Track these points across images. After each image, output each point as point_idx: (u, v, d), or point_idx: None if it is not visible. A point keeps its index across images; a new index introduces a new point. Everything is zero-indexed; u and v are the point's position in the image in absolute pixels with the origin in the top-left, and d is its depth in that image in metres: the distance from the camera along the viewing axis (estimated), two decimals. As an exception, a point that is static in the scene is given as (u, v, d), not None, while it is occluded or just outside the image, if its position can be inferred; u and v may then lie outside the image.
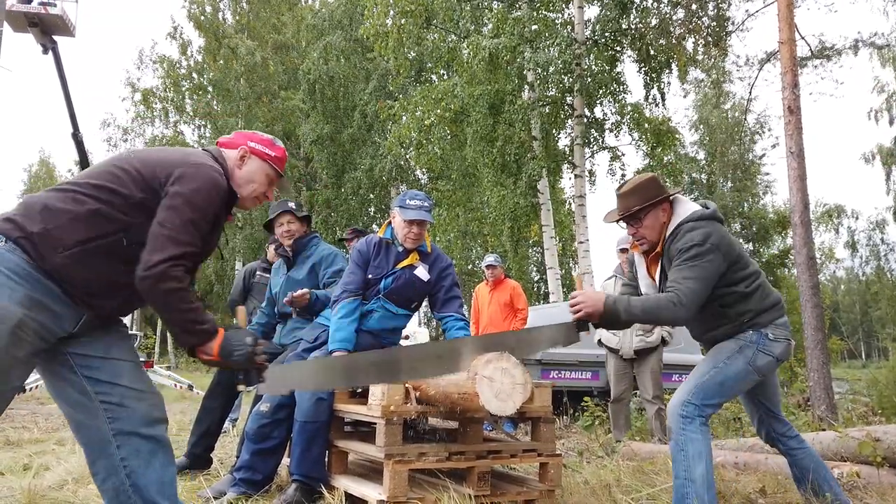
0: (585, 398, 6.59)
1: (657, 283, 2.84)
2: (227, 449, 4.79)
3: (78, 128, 9.75)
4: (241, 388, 2.14)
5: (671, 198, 2.82)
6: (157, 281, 1.88)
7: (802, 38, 8.97)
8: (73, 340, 1.98)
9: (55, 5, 9.44)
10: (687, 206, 2.79)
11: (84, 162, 10.03)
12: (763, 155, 27.18)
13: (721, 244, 2.64)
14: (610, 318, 2.63)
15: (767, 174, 28.14)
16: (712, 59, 13.94)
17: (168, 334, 28.27)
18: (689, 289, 2.55)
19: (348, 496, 3.06)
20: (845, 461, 3.78)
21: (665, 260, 2.75)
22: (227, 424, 5.40)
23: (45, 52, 9.54)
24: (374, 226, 20.46)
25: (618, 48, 12.44)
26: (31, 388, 10.05)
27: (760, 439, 3.07)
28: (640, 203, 2.75)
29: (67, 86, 9.53)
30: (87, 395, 1.99)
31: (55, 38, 9.57)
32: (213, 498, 3.17)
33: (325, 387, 2.81)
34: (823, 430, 4.94)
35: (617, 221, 2.88)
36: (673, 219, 2.77)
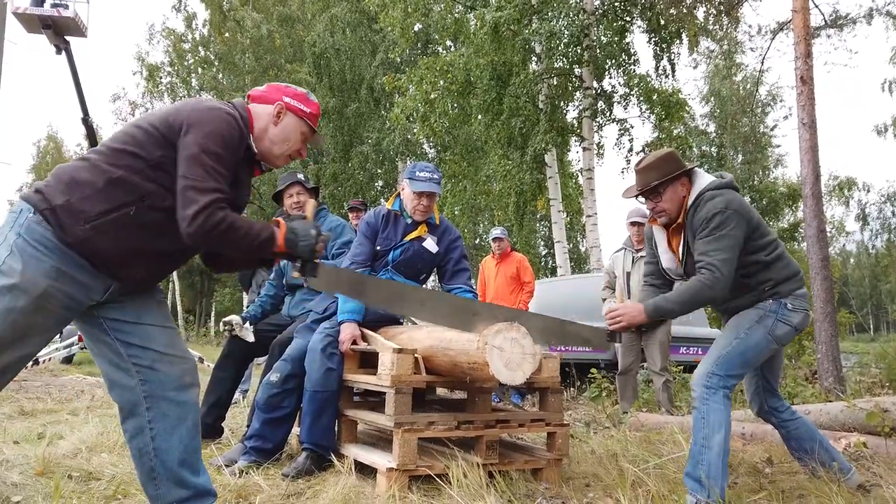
0: (592, 370, 6.61)
1: (680, 255, 2.85)
2: (237, 419, 4.85)
3: (88, 113, 9.87)
4: (295, 275, 2.20)
5: (690, 172, 2.84)
6: (205, 232, 1.90)
7: (816, 6, 8.80)
8: (106, 305, 2.01)
9: (67, 7, 9.56)
10: (704, 178, 2.81)
11: (94, 146, 10.18)
12: (774, 127, 26.89)
13: (741, 210, 2.66)
14: (655, 321, 2.77)
15: (778, 146, 27.92)
16: (724, 29, 13.71)
17: (178, 306, 28.52)
18: (721, 260, 2.59)
19: (358, 464, 3.10)
20: (852, 432, 3.80)
21: (688, 232, 2.76)
22: (237, 395, 5.46)
23: (59, 52, 9.74)
24: (381, 200, 20.42)
25: (627, 18, 12.25)
26: (44, 361, 10.20)
27: (752, 412, 3.09)
28: (659, 178, 2.77)
29: (80, 82, 9.71)
30: (120, 356, 2.03)
31: (67, 38, 9.74)
32: (225, 466, 3.21)
33: (363, 300, 2.79)
34: (831, 401, 4.95)
35: (636, 196, 2.90)
36: (692, 190, 2.79)
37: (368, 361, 3.38)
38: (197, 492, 2.09)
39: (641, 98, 12.17)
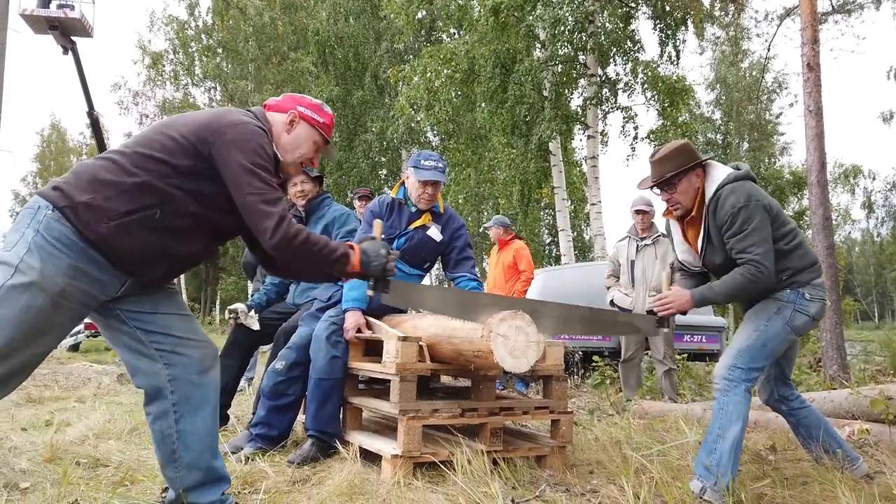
0: (595, 357, 6.62)
1: (699, 247, 2.85)
2: (243, 406, 4.88)
3: (93, 107, 9.96)
4: (370, 293, 2.31)
5: (704, 163, 2.83)
6: (287, 242, 2.00)
7: (824, -9, 8.72)
8: (121, 298, 2.04)
9: (73, 8, 9.67)
10: (721, 170, 2.79)
11: (99, 139, 10.24)
12: (780, 114, 26.75)
13: (763, 200, 2.67)
14: (701, 308, 2.89)
15: (784, 133, 27.78)
16: (729, 15, 13.60)
17: (183, 295, 28.60)
18: (760, 254, 2.60)
19: (363, 451, 3.12)
20: (856, 419, 3.80)
21: (712, 226, 2.76)
22: (243, 383, 5.49)
23: (66, 52, 9.86)
24: (385, 188, 20.39)
25: (632, 4, 12.16)
26: (50, 349, 10.26)
27: (760, 400, 3.09)
28: (674, 169, 2.77)
29: (86, 80, 9.82)
30: (142, 343, 2.07)
31: (74, 39, 9.86)
32: (231, 453, 3.23)
33: (440, 313, 2.83)
34: (835, 389, 4.95)
35: (651, 188, 2.89)
36: (708, 183, 2.78)
37: (373, 349, 3.39)
38: (215, 476, 2.14)
39: (646, 85, 12.10)
